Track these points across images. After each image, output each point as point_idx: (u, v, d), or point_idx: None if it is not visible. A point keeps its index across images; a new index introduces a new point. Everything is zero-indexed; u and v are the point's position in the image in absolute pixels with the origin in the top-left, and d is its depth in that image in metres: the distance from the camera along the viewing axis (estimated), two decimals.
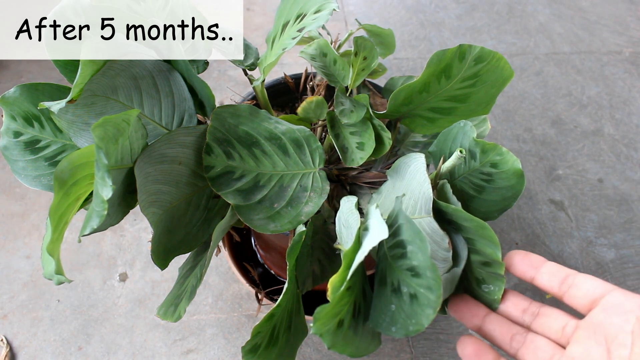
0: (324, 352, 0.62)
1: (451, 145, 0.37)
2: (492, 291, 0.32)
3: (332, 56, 0.43)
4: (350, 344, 0.29)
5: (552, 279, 0.30)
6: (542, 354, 0.29)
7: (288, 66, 1.00)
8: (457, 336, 0.65)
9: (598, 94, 0.97)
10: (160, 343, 0.62)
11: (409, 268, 0.28)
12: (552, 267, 0.31)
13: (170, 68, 0.37)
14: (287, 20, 0.42)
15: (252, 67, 0.48)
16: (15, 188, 0.78)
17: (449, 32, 1.10)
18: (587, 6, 1.18)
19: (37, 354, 0.61)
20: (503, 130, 0.90)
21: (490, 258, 0.31)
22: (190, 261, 0.39)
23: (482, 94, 0.38)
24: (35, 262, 0.69)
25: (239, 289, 0.68)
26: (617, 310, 0.27)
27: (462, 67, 0.36)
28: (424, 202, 0.33)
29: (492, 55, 0.34)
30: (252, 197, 0.36)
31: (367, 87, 0.53)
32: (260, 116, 0.38)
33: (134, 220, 0.74)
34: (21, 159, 0.40)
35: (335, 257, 0.41)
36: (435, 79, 0.37)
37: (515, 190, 0.34)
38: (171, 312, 0.35)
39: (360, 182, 0.45)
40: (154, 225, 0.33)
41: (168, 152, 0.34)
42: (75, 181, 0.30)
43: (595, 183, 0.83)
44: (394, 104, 0.39)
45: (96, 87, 0.34)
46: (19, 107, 0.39)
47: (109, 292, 0.67)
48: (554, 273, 0.30)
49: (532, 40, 1.09)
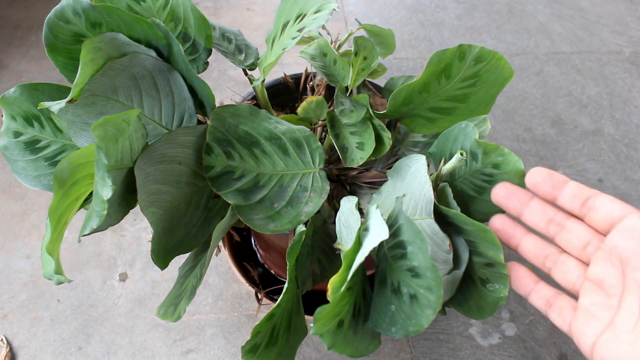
0: (324, 352, 0.62)
1: (452, 147, 0.37)
2: (498, 289, 0.32)
3: (332, 56, 0.43)
4: (350, 344, 0.29)
5: (574, 201, 0.30)
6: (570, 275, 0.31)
7: (288, 66, 1.00)
8: (456, 336, 0.65)
9: (598, 94, 0.97)
10: (160, 343, 0.62)
11: (409, 268, 0.28)
12: (574, 188, 0.30)
13: (170, 68, 0.37)
14: (287, 20, 0.42)
15: (252, 67, 0.48)
16: (15, 188, 0.78)
17: (449, 32, 1.10)
18: (587, 6, 1.18)
19: (37, 354, 0.61)
20: (503, 130, 0.90)
21: (492, 260, 0.31)
22: (190, 261, 0.39)
23: (482, 93, 0.38)
24: (35, 262, 0.69)
25: (239, 289, 0.68)
26: (631, 234, 0.27)
27: (462, 67, 0.36)
28: (424, 204, 0.33)
29: (492, 55, 0.34)
30: (252, 197, 0.36)
31: (367, 87, 0.53)
32: (260, 116, 0.38)
33: (134, 220, 0.74)
34: (21, 159, 0.40)
35: (335, 257, 0.41)
36: (435, 79, 0.37)
37: None
38: (171, 312, 0.35)
39: (360, 182, 0.45)
40: (154, 225, 0.33)
41: (168, 152, 0.34)
42: (75, 181, 0.30)
43: (595, 183, 0.83)
44: (394, 104, 0.39)
45: (96, 87, 0.34)
46: (19, 107, 0.39)
47: (109, 292, 0.67)
48: (576, 195, 0.30)
49: (532, 40, 1.09)
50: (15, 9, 1.09)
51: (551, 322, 0.32)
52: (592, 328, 0.28)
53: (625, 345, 0.26)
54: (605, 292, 0.28)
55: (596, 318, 0.28)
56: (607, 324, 0.28)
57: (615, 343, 0.26)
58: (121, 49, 0.34)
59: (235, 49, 0.48)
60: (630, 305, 0.27)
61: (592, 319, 0.28)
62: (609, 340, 0.27)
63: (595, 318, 0.28)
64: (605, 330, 0.27)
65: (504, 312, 0.67)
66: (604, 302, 0.28)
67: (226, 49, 0.47)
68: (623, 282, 0.28)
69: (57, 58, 0.36)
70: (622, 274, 0.28)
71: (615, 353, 0.26)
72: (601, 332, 0.28)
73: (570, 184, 0.30)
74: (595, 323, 0.28)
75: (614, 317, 0.27)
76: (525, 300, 0.68)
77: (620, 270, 0.28)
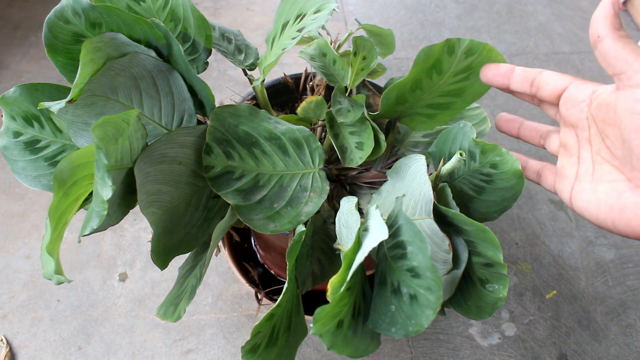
0: (323, 352, 0.62)
1: (451, 146, 0.37)
2: (497, 290, 0.32)
3: (332, 56, 0.43)
4: (349, 344, 0.29)
5: (524, 84, 0.34)
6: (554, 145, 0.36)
7: (288, 66, 1.00)
8: (456, 336, 0.65)
9: None
10: (160, 343, 0.62)
11: (409, 269, 0.28)
12: (520, 73, 0.34)
13: (170, 68, 0.37)
14: (287, 20, 0.42)
15: (252, 67, 0.48)
16: (15, 188, 0.78)
17: (449, 32, 1.10)
18: (587, 6, 1.18)
19: (37, 354, 0.61)
20: None
21: (492, 260, 0.31)
22: (190, 261, 0.39)
23: (477, 86, 0.38)
24: (35, 262, 0.69)
25: (239, 289, 0.68)
26: (572, 103, 0.32)
27: (453, 61, 0.35)
28: (424, 204, 0.33)
29: (483, 47, 0.34)
30: (251, 197, 0.36)
31: (367, 87, 0.53)
32: (260, 116, 0.38)
33: (134, 220, 0.74)
34: (21, 159, 0.40)
35: (335, 257, 0.41)
36: (426, 75, 0.37)
37: (514, 191, 0.34)
38: (171, 312, 0.35)
39: (360, 182, 0.45)
40: (153, 225, 0.33)
41: (168, 152, 0.34)
42: (75, 181, 0.30)
43: None
44: (386, 103, 0.39)
45: (96, 87, 0.34)
46: (19, 107, 0.39)
47: (109, 292, 0.67)
48: (523, 78, 0.34)
49: (532, 40, 1.09)
50: (15, 9, 1.09)
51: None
52: (565, 185, 0.33)
53: (589, 193, 0.31)
54: (569, 152, 0.33)
55: (566, 176, 0.33)
56: (574, 179, 0.33)
57: (582, 193, 0.32)
58: (121, 49, 0.34)
59: (235, 49, 0.48)
60: (585, 159, 0.32)
61: (564, 177, 0.34)
62: (578, 191, 0.32)
63: (566, 176, 0.33)
64: (574, 184, 0.33)
65: (504, 312, 0.67)
66: (568, 161, 0.33)
67: (226, 49, 0.47)
68: (578, 142, 0.33)
69: (57, 58, 0.36)
70: (576, 136, 0.33)
71: (584, 201, 0.31)
72: (572, 187, 0.33)
73: (516, 70, 0.35)
74: (566, 180, 0.33)
75: (577, 172, 0.33)
76: (525, 301, 0.68)
77: (574, 133, 0.33)
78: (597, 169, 0.31)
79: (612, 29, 0.29)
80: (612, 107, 0.29)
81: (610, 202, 0.30)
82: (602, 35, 0.29)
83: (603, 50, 0.29)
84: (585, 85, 0.32)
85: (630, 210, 0.28)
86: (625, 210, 0.29)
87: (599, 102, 0.30)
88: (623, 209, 0.29)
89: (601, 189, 0.30)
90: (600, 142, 0.31)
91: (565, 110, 0.33)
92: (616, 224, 0.29)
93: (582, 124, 0.32)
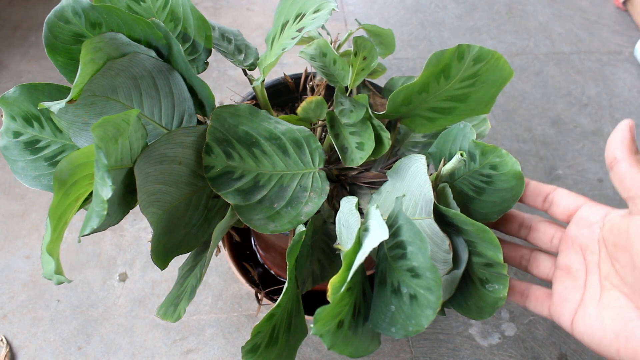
0: (323, 352, 0.62)
1: (451, 147, 0.37)
2: (497, 290, 0.32)
3: (332, 56, 0.43)
4: (349, 344, 0.29)
5: (537, 199, 0.35)
6: (543, 267, 0.35)
7: (288, 66, 1.00)
8: (456, 336, 0.65)
9: (598, 94, 0.97)
10: (160, 343, 0.62)
11: (409, 269, 0.28)
12: (534, 188, 0.35)
13: (170, 68, 0.37)
14: (287, 20, 0.42)
15: (251, 67, 0.48)
16: (15, 188, 0.78)
17: (449, 32, 1.10)
18: (587, 6, 1.18)
19: (37, 354, 0.61)
20: (503, 130, 0.90)
21: (492, 260, 0.31)
22: (190, 261, 0.39)
23: (482, 93, 0.38)
24: (35, 262, 0.69)
25: (239, 289, 0.68)
26: (585, 223, 0.32)
27: (461, 67, 0.35)
28: (424, 204, 0.33)
29: (491, 55, 0.34)
30: (251, 197, 0.36)
31: (367, 87, 0.53)
32: (260, 116, 0.38)
33: (134, 220, 0.74)
34: (21, 159, 0.40)
35: (335, 257, 0.41)
36: (435, 80, 0.37)
37: (514, 192, 0.34)
38: (171, 312, 0.35)
39: (360, 182, 0.45)
40: (153, 225, 0.33)
41: (168, 152, 0.34)
42: (75, 181, 0.30)
43: (595, 183, 0.83)
44: (393, 104, 0.39)
45: (96, 87, 0.34)
46: (19, 107, 0.39)
47: (109, 292, 0.67)
48: (537, 194, 0.35)
49: (532, 40, 1.09)
50: (15, 9, 1.08)
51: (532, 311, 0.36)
52: (567, 309, 0.32)
53: (593, 318, 0.30)
54: (573, 276, 0.32)
55: (569, 300, 0.32)
56: (578, 303, 0.31)
57: (586, 318, 0.30)
58: (121, 49, 0.34)
59: (234, 49, 0.48)
60: (592, 284, 0.31)
61: (566, 301, 0.32)
62: (581, 316, 0.31)
63: (569, 300, 0.32)
64: (578, 309, 0.31)
65: (504, 312, 0.67)
66: (573, 285, 0.32)
67: (226, 49, 0.47)
68: (585, 265, 0.32)
69: (57, 58, 0.36)
70: (584, 258, 0.32)
71: (587, 327, 0.30)
72: (575, 311, 0.31)
73: (530, 185, 0.35)
74: (569, 304, 0.32)
75: (582, 296, 0.31)
76: None
77: (581, 255, 0.32)
78: (605, 294, 0.30)
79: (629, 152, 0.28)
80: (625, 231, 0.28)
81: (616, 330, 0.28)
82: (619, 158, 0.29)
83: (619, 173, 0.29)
84: (599, 207, 0.31)
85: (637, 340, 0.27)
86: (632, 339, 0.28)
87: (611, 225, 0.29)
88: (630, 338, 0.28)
89: (607, 315, 0.29)
90: (609, 267, 0.30)
91: (575, 230, 0.32)
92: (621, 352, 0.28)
93: (592, 246, 0.31)
